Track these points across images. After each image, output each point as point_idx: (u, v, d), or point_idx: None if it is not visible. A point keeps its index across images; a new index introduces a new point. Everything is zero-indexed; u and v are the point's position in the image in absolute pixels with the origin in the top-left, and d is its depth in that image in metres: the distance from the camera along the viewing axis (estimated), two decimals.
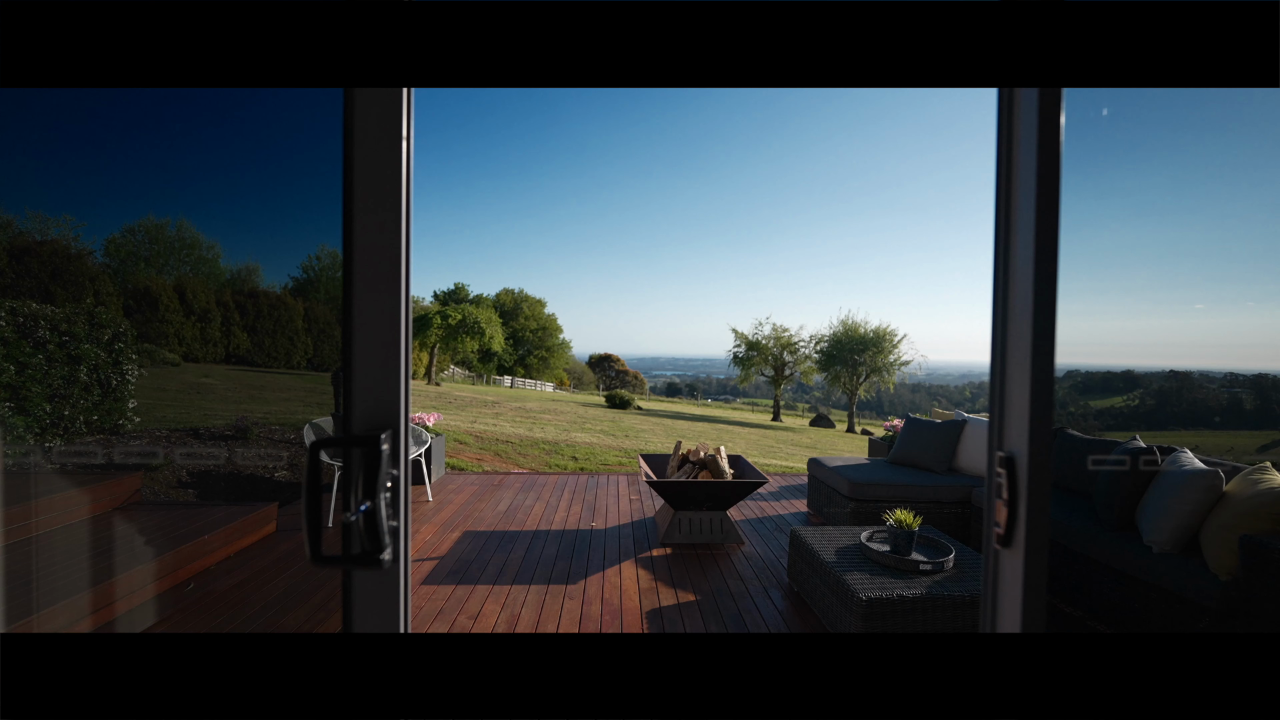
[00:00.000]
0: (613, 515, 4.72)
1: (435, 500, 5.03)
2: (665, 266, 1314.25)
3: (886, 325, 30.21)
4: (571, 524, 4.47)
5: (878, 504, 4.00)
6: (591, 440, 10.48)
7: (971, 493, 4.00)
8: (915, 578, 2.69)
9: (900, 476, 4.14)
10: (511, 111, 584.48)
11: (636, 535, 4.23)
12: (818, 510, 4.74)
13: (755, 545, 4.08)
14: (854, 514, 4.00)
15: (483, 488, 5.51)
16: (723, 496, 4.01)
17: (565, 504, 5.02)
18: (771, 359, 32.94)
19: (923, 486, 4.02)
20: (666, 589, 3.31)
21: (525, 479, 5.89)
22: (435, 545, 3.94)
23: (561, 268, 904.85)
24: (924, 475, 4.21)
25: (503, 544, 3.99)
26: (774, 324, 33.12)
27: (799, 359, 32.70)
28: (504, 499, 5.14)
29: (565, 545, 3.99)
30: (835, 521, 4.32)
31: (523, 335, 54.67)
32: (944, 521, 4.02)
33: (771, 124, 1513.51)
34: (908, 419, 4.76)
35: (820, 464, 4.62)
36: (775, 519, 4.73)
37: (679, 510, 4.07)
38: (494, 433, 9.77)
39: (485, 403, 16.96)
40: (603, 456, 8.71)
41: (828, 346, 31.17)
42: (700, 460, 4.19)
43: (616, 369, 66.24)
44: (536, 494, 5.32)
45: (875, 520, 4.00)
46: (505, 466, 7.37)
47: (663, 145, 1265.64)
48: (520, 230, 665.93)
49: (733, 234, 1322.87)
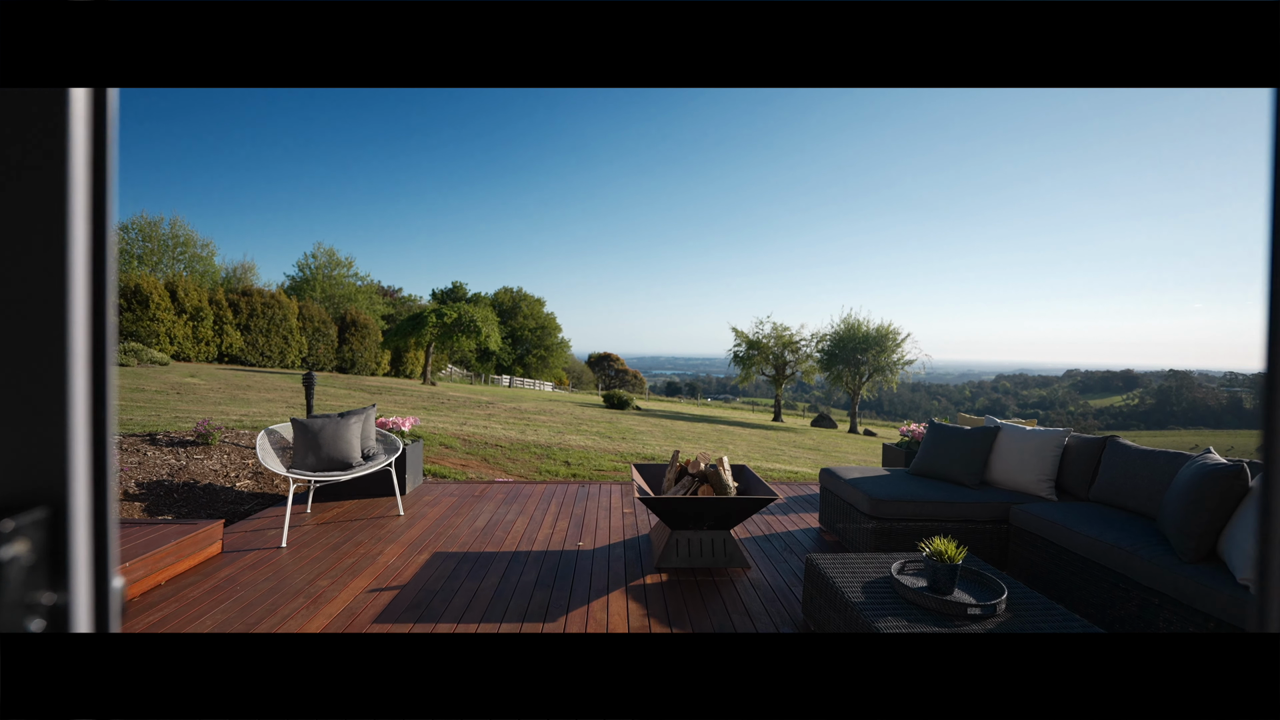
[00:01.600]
0: (602, 532, 4.23)
1: (407, 515, 4.55)
2: (665, 265, 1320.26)
3: (889, 324, 29.71)
4: (556, 543, 3.98)
5: (902, 523, 3.51)
6: (586, 444, 10.00)
7: (1009, 510, 3.52)
8: (962, 623, 2.21)
9: (926, 491, 3.65)
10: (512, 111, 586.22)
11: (628, 557, 3.74)
12: (830, 526, 4.25)
13: (763, 569, 3.60)
14: (876, 534, 3.51)
15: (462, 499, 5.02)
16: (726, 515, 3.53)
17: (551, 519, 4.53)
18: (772, 358, 32.43)
19: (954, 504, 3.54)
20: (661, 627, 2.83)
21: (509, 489, 5.41)
22: (398, 571, 3.45)
23: (561, 267, 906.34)
24: (953, 490, 3.72)
25: (476, 569, 3.50)
26: (775, 323, 32.61)
27: (800, 358, 32.18)
28: (484, 512, 4.65)
29: (547, 570, 3.50)
30: (852, 541, 3.83)
31: (521, 334, 54.18)
32: (979, 544, 3.54)
33: (771, 122, 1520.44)
34: (931, 425, 4.27)
35: (834, 475, 4.13)
36: (784, 537, 4.24)
37: (676, 530, 3.59)
38: (483, 436, 9.29)
39: (479, 403, 16.47)
40: (597, 461, 8.22)
41: (830, 345, 30.66)
42: (700, 473, 3.70)
43: (616, 368, 65.75)
44: (520, 507, 4.83)
45: (899, 542, 3.52)
46: (491, 473, 6.88)
47: (664, 144, 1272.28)
48: (519, 229, 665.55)
49: (733, 233, 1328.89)
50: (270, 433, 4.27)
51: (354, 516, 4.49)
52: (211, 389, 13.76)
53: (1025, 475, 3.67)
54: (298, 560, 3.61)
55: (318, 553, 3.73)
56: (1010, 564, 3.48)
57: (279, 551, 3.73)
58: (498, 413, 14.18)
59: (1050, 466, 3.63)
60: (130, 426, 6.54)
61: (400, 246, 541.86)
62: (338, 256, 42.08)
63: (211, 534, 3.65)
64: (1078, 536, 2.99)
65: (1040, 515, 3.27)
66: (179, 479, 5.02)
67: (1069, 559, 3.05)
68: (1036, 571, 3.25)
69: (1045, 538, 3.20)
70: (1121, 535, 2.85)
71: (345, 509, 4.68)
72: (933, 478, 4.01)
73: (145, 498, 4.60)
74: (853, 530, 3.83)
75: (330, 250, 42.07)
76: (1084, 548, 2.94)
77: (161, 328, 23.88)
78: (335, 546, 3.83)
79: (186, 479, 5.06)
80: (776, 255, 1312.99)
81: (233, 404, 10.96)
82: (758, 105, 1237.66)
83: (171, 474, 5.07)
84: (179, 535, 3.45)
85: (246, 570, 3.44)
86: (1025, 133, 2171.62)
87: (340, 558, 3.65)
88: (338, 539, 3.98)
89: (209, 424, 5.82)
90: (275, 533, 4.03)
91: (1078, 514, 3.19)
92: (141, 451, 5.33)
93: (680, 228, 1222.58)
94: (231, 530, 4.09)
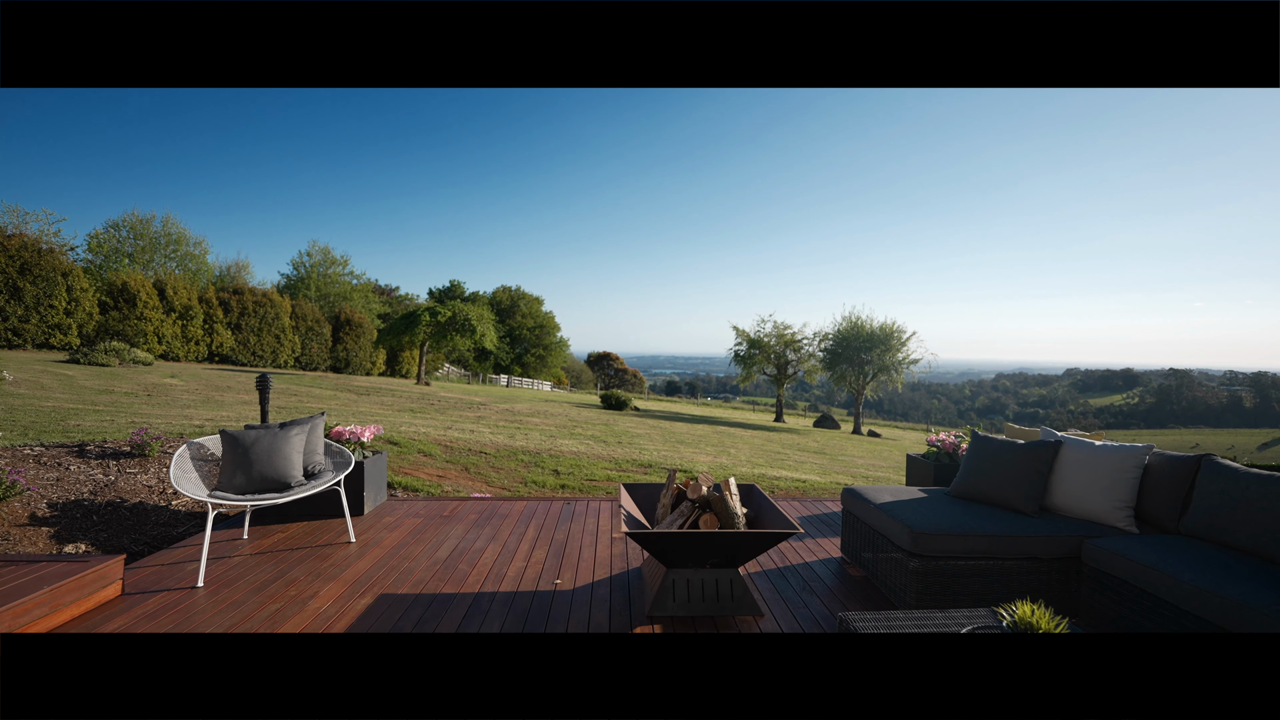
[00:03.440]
0: (586, 564, 3.58)
1: (360, 541, 3.90)
2: (665, 264, 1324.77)
3: (893, 322, 29.03)
4: (529, 580, 3.33)
5: (950, 562, 2.86)
6: (579, 449, 9.35)
7: (1082, 546, 2.86)
8: None
9: (977, 521, 3.00)
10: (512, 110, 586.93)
11: (615, 601, 3.09)
12: (854, 556, 3.60)
13: (778, 616, 2.95)
14: (919, 576, 2.86)
15: (427, 520, 4.37)
16: (734, 551, 2.88)
17: (527, 546, 3.88)
18: (774, 357, 31.74)
19: (1012, 538, 2.89)
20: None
21: (484, 508, 4.75)
22: (329, 621, 2.80)
23: (560, 265, 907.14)
24: (1008, 519, 3.07)
25: (426, 618, 2.86)
26: (776, 321, 31.91)
27: (803, 357, 31.49)
28: (450, 538, 4.00)
29: (513, 622, 2.85)
30: (885, 578, 3.18)
31: (520, 333, 53.54)
32: (1041, 586, 2.90)
33: (771, 121, 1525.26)
34: (975, 437, 3.61)
35: (861, 498, 3.48)
36: (801, 571, 3.59)
37: (673, 568, 2.94)
38: (468, 441, 8.64)
39: (470, 404, 15.82)
40: (589, 470, 7.58)
41: (833, 344, 29.98)
42: (702, 498, 3.05)
43: (615, 367, 65.11)
44: (493, 530, 4.18)
45: (948, 585, 2.87)
46: (470, 485, 6.23)
47: (664, 143, 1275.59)
48: (519, 228, 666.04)
49: (733, 231, 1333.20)
50: (194, 446, 3.62)
51: (298, 543, 3.84)
52: (188, 390, 13.11)
53: (1097, 501, 3.02)
54: (213, 605, 2.96)
55: (239, 594, 3.08)
56: (1083, 612, 2.83)
57: (193, 593, 3.09)
58: (488, 415, 13.53)
59: (1129, 491, 2.98)
60: (71, 435, 5.90)
61: (399, 246, 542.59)
62: (333, 255, 41.40)
63: (106, 573, 3.00)
64: (1181, 586, 2.34)
65: (1125, 555, 2.62)
66: (103, 498, 4.37)
67: (1167, 613, 2.40)
68: (1121, 626, 2.61)
69: (1134, 584, 2.55)
70: (1246, 587, 2.20)
71: (290, 533, 4.03)
72: (979, 501, 3.36)
73: (56, 521, 3.95)
74: (885, 564, 3.18)
75: (325, 248, 41.39)
76: (1192, 601, 2.29)
77: (149, 327, 23.24)
78: (262, 586, 3.18)
79: (113, 497, 4.41)
80: (775, 253, 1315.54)
81: (204, 407, 10.31)
82: (757, 105, 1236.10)
83: (95, 492, 4.42)
84: (60, 578, 2.79)
85: (143, 621, 2.79)
86: (1025, 132, 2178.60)
87: (265, 602, 3.00)
88: (269, 575, 3.33)
89: (147, 433, 5.17)
90: (196, 567, 3.38)
91: (1176, 554, 2.55)
92: (64, 466, 4.68)
93: (680, 226, 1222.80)
94: (142, 565, 3.44)
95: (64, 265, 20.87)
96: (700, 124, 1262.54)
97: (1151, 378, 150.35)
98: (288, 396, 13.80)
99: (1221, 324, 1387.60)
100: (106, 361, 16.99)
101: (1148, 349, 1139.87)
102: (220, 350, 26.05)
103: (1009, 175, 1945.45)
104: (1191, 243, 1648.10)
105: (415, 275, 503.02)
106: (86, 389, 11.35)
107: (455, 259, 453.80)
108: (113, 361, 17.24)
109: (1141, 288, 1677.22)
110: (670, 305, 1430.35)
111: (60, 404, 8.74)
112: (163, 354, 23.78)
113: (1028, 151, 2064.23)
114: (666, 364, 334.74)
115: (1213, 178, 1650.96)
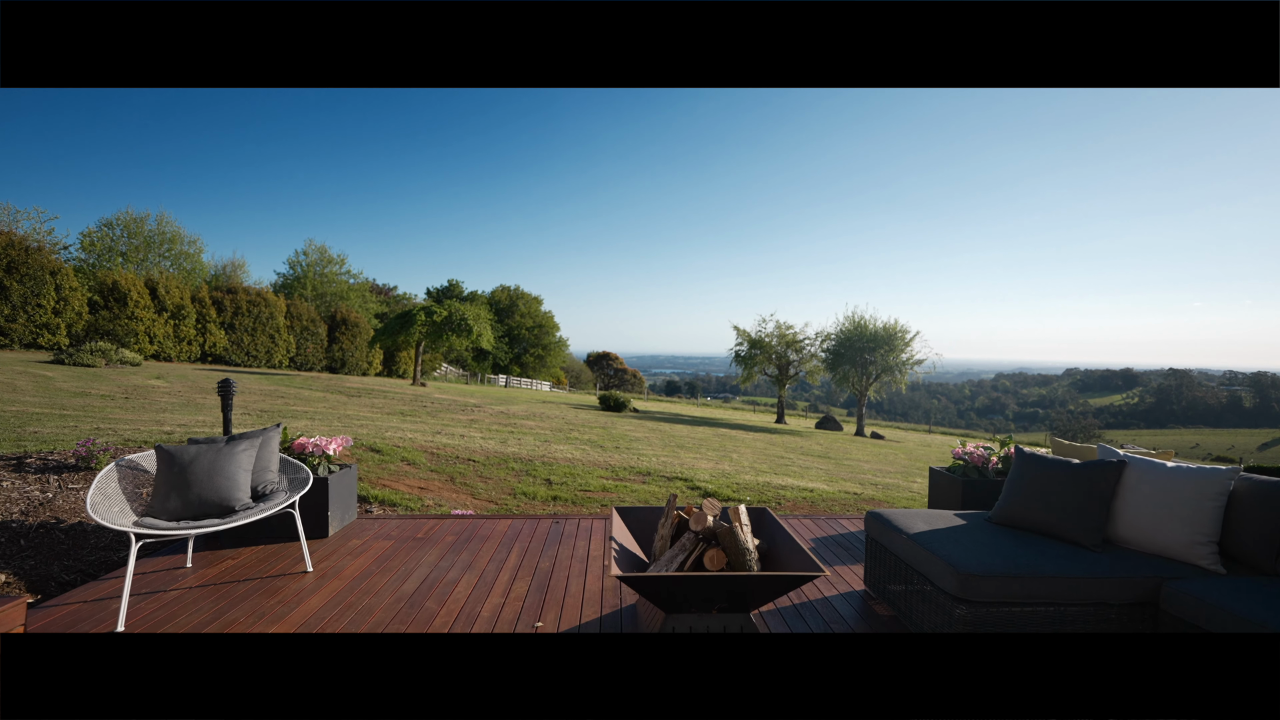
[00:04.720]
0: (573, 599, 3.13)
1: (318, 570, 3.44)
2: (665, 264, 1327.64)
3: (896, 321, 28.56)
4: (506, 620, 2.88)
5: (1005, 608, 2.40)
6: (574, 455, 8.89)
7: (1161, 589, 2.41)
8: None
9: (1034, 559, 2.54)
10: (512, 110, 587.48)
11: None
12: (880, 590, 3.15)
13: None
14: (966, 625, 2.40)
15: (399, 543, 3.91)
16: (746, 594, 2.42)
17: (507, 576, 3.42)
18: (775, 357, 31.28)
19: (1078, 579, 2.43)
20: None
21: (464, 527, 4.29)
22: None
23: (560, 265, 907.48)
24: (1066, 554, 2.61)
25: None
26: (778, 320, 31.44)
27: (804, 358, 31.02)
28: (421, 565, 3.54)
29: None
30: (919, 620, 2.72)
31: (519, 333, 53.08)
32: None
33: (771, 120, 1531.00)
34: (1020, 454, 3.15)
35: (888, 526, 3.02)
36: (820, 608, 3.13)
37: (673, 614, 2.49)
38: (456, 448, 8.18)
39: (464, 406, 15.36)
40: (583, 478, 7.12)
41: (835, 345, 29.50)
42: (707, 530, 2.59)
43: (615, 367, 64.67)
44: (471, 556, 3.72)
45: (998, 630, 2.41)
46: (454, 498, 5.77)
47: (664, 143, 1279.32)
48: (518, 227, 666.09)
49: (733, 231, 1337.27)
50: (124, 466, 3.17)
51: (247, 572, 3.39)
52: (170, 392, 12.65)
53: (1174, 534, 2.56)
54: None
55: None
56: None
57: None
58: (482, 417, 13.07)
59: (1213, 522, 2.52)
60: (24, 443, 5.45)
61: (397, 245, 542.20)
62: (329, 254, 40.94)
63: (4, 619, 2.54)
64: None
65: (1218, 604, 2.16)
66: (36, 518, 3.92)
67: None
68: None
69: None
70: None
71: (241, 559, 3.57)
72: (1028, 531, 2.90)
73: None
74: (917, 600, 2.73)
75: (322, 247, 40.94)
76: None
77: (140, 326, 22.80)
78: (195, 630, 2.73)
79: (48, 517, 3.96)
80: (776, 253, 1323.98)
81: (182, 411, 9.85)
82: (757, 105, 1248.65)
83: (28, 511, 3.96)
84: None
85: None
86: (1026, 132, 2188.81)
87: None
88: (205, 615, 2.87)
89: (95, 443, 4.71)
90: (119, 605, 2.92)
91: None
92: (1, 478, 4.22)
93: (681, 226, 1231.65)
94: (62, 601, 2.98)
95: (53, 264, 20.42)
96: (700, 124, 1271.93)
97: (1151, 378, 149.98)
98: (273, 399, 13.33)
99: (1221, 324, 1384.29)
100: (92, 362, 16.53)
101: (1147, 349, 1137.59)
102: (214, 350, 25.60)
103: (1009, 175, 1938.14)
104: (1191, 243, 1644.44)
105: (413, 274, 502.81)
106: (61, 391, 10.89)
107: (454, 258, 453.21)
108: (98, 362, 16.78)
109: (1141, 288, 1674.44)
110: (670, 305, 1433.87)
111: (27, 408, 8.28)
112: (154, 354, 23.34)
113: (1028, 151, 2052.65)
114: (666, 364, 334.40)
115: (1213, 178, 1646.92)
